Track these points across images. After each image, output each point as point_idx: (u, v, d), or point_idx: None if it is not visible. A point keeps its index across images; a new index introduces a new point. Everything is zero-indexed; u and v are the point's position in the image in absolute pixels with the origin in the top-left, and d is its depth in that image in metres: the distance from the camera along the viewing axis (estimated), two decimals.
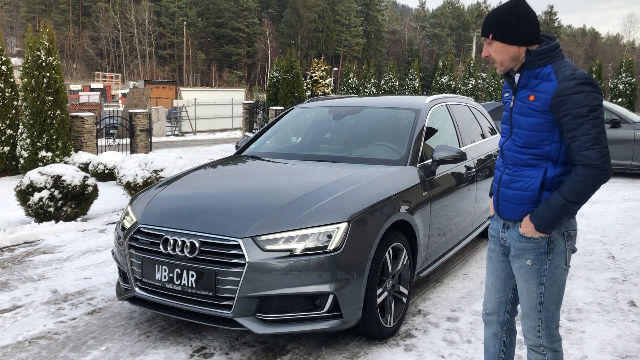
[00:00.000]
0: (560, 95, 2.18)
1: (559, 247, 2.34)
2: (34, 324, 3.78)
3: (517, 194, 2.35)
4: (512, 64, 2.33)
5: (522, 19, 2.25)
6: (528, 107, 2.29)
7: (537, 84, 2.27)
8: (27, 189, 6.44)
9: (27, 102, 10.10)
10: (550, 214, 2.24)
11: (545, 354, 2.43)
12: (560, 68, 2.23)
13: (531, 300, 2.39)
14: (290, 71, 19.70)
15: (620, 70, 23.07)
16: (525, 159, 2.32)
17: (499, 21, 2.28)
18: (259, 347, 3.47)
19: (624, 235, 6.46)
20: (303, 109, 5.54)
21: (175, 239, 3.28)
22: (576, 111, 2.15)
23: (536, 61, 2.28)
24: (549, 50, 2.27)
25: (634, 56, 43.09)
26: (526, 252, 2.36)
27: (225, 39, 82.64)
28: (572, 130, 2.17)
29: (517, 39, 2.27)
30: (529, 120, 2.29)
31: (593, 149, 2.14)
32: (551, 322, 2.40)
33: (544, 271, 2.35)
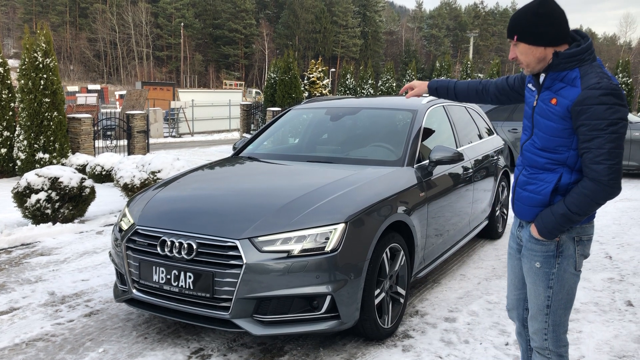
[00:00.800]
0: (582, 104, 2.11)
1: (568, 252, 2.31)
2: (31, 326, 3.77)
3: (530, 196, 2.33)
4: (540, 66, 2.25)
5: (548, 20, 2.16)
6: (549, 110, 2.23)
7: (562, 87, 2.20)
8: (24, 190, 6.43)
9: (24, 104, 10.08)
10: (552, 220, 2.23)
11: (550, 357, 2.41)
12: (587, 74, 2.14)
13: (539, 302, 2.38)
14: (288, 72, 19.71)
15: (617, 70, 23.14)
16: (542, 162, 2.29)
17: (523, 22, 2.20)
18: (257, 348, 3.47)
19: (621, 235, 6.47)
20: (300, 110, 5.55)
21: (172, 241, 3.28)
22: (594, 123, 2.08)
23: (563, 64, 2.19)
24: (577, 54, 2.17)
25: (631, 56, 43.18)
26: (535, 254, 2.34)
27: (223, 40, 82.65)
28: (586, 141, 2.12)
29: (543, 40, 2.18)
30: (548, 124, 2.24)
31: (603, 164, 2.10)
32: (558, 327, 2.38)
33: (552, 275, 2.32)
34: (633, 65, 37.84)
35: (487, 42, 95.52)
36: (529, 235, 2.36)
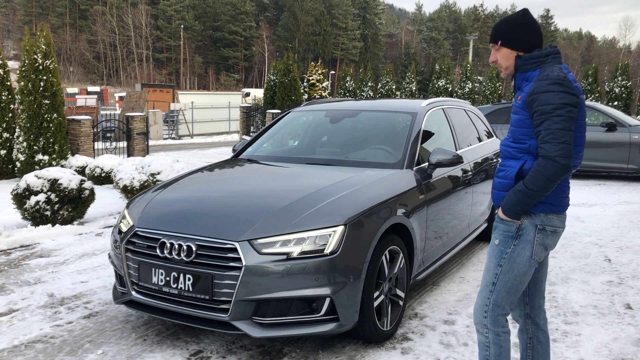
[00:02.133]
0: (533, 93, 2.37)
1: (527, 236, 2.47)
2: (31, 328, 3.77)
3: (500, 181, 2.56)
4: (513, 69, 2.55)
5: (529, 29, 2.48)
6: (516, 106, 2.51)
7: (526, 85, 2.48)
8: (24, 192, 6.43)
9: (24, 106, 10.08)
10: (512, 197, 2.43)
11: (487, 335, 2.55)
12: (542, 72, 2.42)
13: (487, 278, 2.55)
14: (288, 74, 19.72)
15: (616, 73, 23.15)
16: (511, 151, 2.53)
17: (508, 29, 2.51)
18: (256, 350, 3.47)
19: (620, 238, 6.48)
20: (300, 112, 5.55)
21: (172, 243, 3.28)
22: (542, 108, 2.33)
23: (525, 66, 2.49)
24: (537, 57, 2.47)
25: (630, 60, 43.25)
26: (497, 232, 2.54)
27: (223, 42, 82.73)
28: (538, 125, 2.36)
29: (523, 46, 2.49)
30: (515, 117, 2.51)
31: (550, 142, 2.30)
32: (498, 307, 2.52)
33: (505, 254, 2.49)
34: (632, 68, 37.89)
35: (486, 44, 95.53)
36: (497, 216, 2.56)
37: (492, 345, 2.55)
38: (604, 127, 11.13)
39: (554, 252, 5.80)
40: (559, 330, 3.81)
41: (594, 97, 22.92)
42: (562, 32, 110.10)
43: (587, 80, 23.55)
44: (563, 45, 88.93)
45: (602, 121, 11.26)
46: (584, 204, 8.64)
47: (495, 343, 2.54)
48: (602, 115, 11.48)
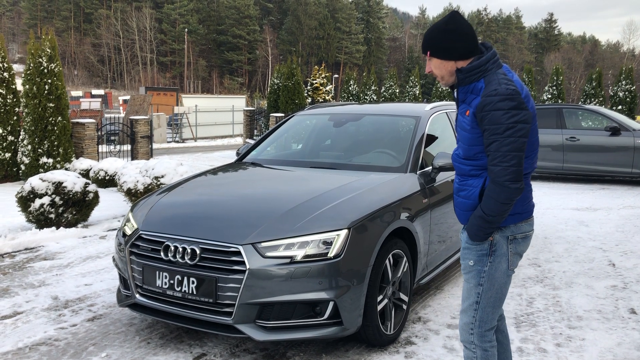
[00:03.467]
0: (482, 110, 2.24)
1: (501, 250, 2.41)
2: (35, 331, 3.78)
3: (462, 201, 2.46)
4: (452, 79, 2.39)
5: (456, 35, 2.30)
6: (464, 122, 2.38)
7: (473, 99, 2.32)
8: (28, 195, 6.45)
9: (29, 109, 10.13)
10: (474, 223, 2.36)
11: (475, 351, 2.52)
12: (490, 82, 2.26)
13: (470, 298, 2.49)
14: (291, 78, 19.75)
15: (620, 77, 23.10)
16: (467, 169, 2.42)
17: (434, 38, 2.34)
18: (260, 353, 3.48)
19: (624, 242, 6.46)
20: (304, 116, 5.56)
21: (176, 246, 3.29)
22: (493, 127, 2.21)
23: (467, 78, 2.32)
24: (478, 67, 2.29)
25: (634, 64, 43.21)
26: (470, 253, 2.46)
27: (226, 45, 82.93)
28: (488, 145, 2.25)
29: (454, 55, 2.32)
30: (464, 135, 2.38)
31: (499, 166, 2.22)
32: (485, 323, 2.48)
33: (483, 272, 2.43)
34: (637, 72, 37.84)
35: None
36: (466, 237, 2.47)
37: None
38: (608, 131, 11.11)
39: (558, 257, 5.78)
40: (562, 335, 3.80)
41: (598, 101, 22.88)
42: (565, 36, 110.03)
43: (591, 85, 23.51)
44: (567, 49, 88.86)
45: (606, 125, 11.25)
46: (588, 208, 8.62)
47: (483, 358, 2.52)
48: (606, 119, 11.46)
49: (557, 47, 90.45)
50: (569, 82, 67.23)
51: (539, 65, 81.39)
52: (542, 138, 11.67)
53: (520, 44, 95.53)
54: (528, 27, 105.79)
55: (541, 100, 23.66)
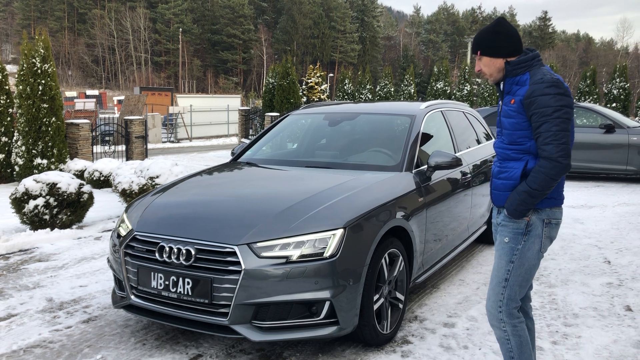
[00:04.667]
0: (530, 96, 2.50)
1: (536, 231, 2.62)
2: (29, 333, 3.76)
3: (504, 183, 2.66)
4: (500, 75, 2.67)
5: (504, 36, 2.60)
6: (509, 110, 2.62)
7: (517, 89, 2.60)
8: (22, 196, 6.42)
9: (22, 110, 10.07)
10: (516, 198, 2.56)
11: (505, 329, 2.68)
12: (535, 74, 2.55)
13: (499, 275, 2.66)
14: (286, 77, 19.74)
15: (614, 75, 23.20)
16: (509, 153, 2.65)
17: (484, 39, 2.64)
18: (256, 354, 3.46)
19: (620, 239, 6.48)
20: (299, 116, 5.55)
21: (171, 247, 3.27)
22: (542, 110, 2.47)
23: (515, 70, 2.60)
24: (525, 61, 2.59)
25: (628, 61, 43.36)
26: (506, 230, 2.66)
27: (221, 45, 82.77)
28: (537, 127, 2.50)
29: (502, 53, 2.61)
30: (510, 121, 2.63)
31: (552, 144, 2.45)
32: (511, 301, 2.66)
33: (516, 250, 2.62)
34: (630, 70, 37.92)
35: None
36: (504, 215, 2.67)
37: (512, 337, 2.68)
38: (602, 128, 11.14)
39: (554, 254, 5.79)
40: (559, 333, 3.80)
41: (592, 98, 22.96)
42: (560, 34, 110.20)
43: (585, 82, 23.59)
44: (561, 47, 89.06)
45: (601, 123, 11.27)
46: (583, 206, 8.65)
47: (515, 334, 2.67)
48: (601, 117, 11.49)
49: (551, 45, 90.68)
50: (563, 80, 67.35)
51: None
52: None
53: None
54: (522, 25, 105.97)
55: None
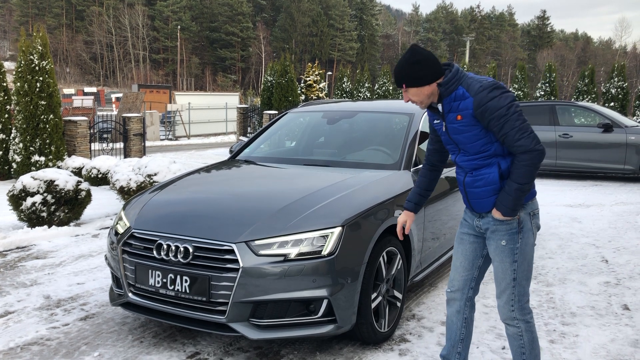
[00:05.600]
0: (479, 106, 2.53)
1: (527, 226, 2.68)
2: (26, 330, 3.75)
3: (484, 190, 2.67)
4: (430, 99, 2.67)
5: (424, 64, 2.59)
6: (458, 126, 2.64)
7: (458, 104, 2.61)
8: (20, 193, 6.40)
9: (20, 106, 10.05)
10: (510, 198, 2.57)
11: (519, 326, 2.72)
12: (470, 85, 2.59)
13: (506, 277, 2.70)
14: (285, 75, 19.72)
15: (613, 74, 23.21)
16: (478, 162, 2.67)
17: (406, 72, 2.62)
18: (253, 352, 3.46)
19: (617, 239, 6.49)
20: (297, 114, 5.54)
21: (168, 244, 3.27)
22: (497, 113, 2.51)
23: (449, 89, 2.62)
24: (454, 77, 2.62)
25: (626, 60, 43.38)
26: (500, 234, 2.68)
27: (219, 43, 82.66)
28: (500, 129, 2.53)
29: (427, 80, 2.61)
30: (465, 135, 2.64)
31: (523, 138, 2.50)
32: (522, 297, 2.71)
33: (516, 249, 2.67)
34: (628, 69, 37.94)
35: (483, 45, 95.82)
36: (493, 220, 2.69)
37: (525, 334, 2.73)
38: (600, 128, 11.15)
39: (551, 253, 5.80)
40: (556, 332, 3.81)
41: (591, 98, 22.97)
42: (558, 33, 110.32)
43: (583, 81, 23.61)
44: (559, 46, 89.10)
45: (599, 122, 11.29)
46: (580, 205, 8.66)
47: (527, 330, 2.73)
48: (599, 116, 11.51)
49: (549, 44, 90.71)
50: (561, 79, 67.47)
51: (531, 62, 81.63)
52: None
53: (513, 41, 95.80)
54: (521, 24, 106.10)
55: (534, 97, 23.73)
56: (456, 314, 2.92)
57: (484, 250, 2.85)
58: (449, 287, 2.95)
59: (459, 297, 2.90)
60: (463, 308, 2.91)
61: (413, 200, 3.07)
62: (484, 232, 2.78)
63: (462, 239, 2.89)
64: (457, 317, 2.92)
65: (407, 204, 3.09)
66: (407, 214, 3.10)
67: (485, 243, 2.83)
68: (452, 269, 2.93)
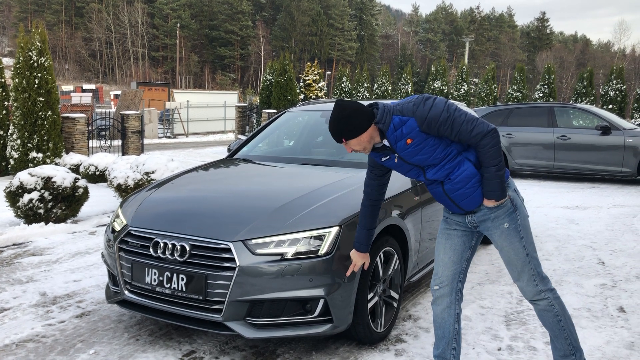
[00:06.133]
0: (423, 122, 2.62)
1: (517, 201, 2.80)
2: (22, 327, 3.74)
3: (467, 187, 2.73)
4: (372, 143, 2.73)
5: (354, 116, 2.65)
6: (414, 148, 2.69)
7: (401, 131, 2.67)
8: (17, 190, 6.39)
9: (18, 103, 10.03)
10: (495, 182, 2.67)
11: (547, 297, 2.81)
12: (402, 110, 2.68)
13: (520, 256, 2.78)
14: (284, 74, 19.71)
15: (611, 77, 23.24)
16: (449, 166, 2.73)
17: (341, 128, 2.67)
18: (249, 351, 3.46)
19: (614, 241, 6.50)
20: (296, 113, 5.54)
21: (165, 242, 3.26)
22: (440, 120, 2.60)
23: (385, 123, 2.69)
24: (383, 111, 2.69)
25: (625, 63, 43.44)
26: (500, 219, 2.76)
27: (219, 41, 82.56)
28: (452, 132, 2.63)
29: (363, 128, 2.66)
30: (424, 150, 2.69)
31: (475, 128, 2.61)
32: (539, 267, 2.81)
33: (519, 226, 2.77)
34: (627, 72, 37.99)
35: (482, 46, 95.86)
36: (488, 210, 2.77)
37: (555, 302, 2.83)
38: (598, 130, 11.16)
39: (548, 255, 5.81)
40: None
41: (589, 100, 23.01)
42: (557, 35, 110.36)
43: (582, 84, 23.64)
44: (559, 48, 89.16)
45: (597, 124, 11.30)
46: (578, 207, 8.67)
47: (556, 298, 2.84)
48: (597, 118, 11.52)
49: (548, 46, 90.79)
50: (560, 81, 67.50)
51: (530, 64, 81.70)
52: (534, 136, 11.75)
53: (512, 43, 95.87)
54: (520, 26, 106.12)
55: (533, 99, 23.75)
56: (447, 310, 2.95)
57: (472, 242, 2.94)
58: (436, 284, 2.97)
59: (447, 292, 2.94)
60: (454, 302, 2.95)
61: (363, 242, 3.09)
62: (477, 226, 2.85)
63: (450, 235, 2.94)
64: (448, 312, 2.95)
65: (359, 246, 3.10)
66: (362, 256, 3.12)
67: (473, 236, 2.93)
68: (439, 266, 2.96)
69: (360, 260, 3.12)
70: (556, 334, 2.88)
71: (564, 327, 2.86)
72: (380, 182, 2.99)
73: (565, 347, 2.89)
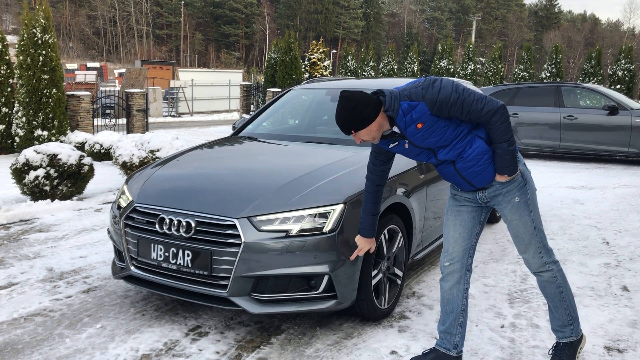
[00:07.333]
0: (433, 105, 2.61)
1: (527, 176, 2.86)
2: (30, 302, 3.79)
3: (480, 163, 2.75)
4: (381, 131, 2.72)
5: (361, 107, 2.62)
6: (425, 132, 2.68)
7: (411, 116, 2.66)
8: (23, 167, 6.42)
9: (23, 80, 10.02)
10: (507, 158, 2.69)
11: (552, 269, 2.89)
12: (410, 95, 2.66)
13: (528, 229, 2.84)
14: (289, 53, 19.58)
15: (620, 56, 22.99)
16: (460, 145, 2.74)
17: (349, 120, 2.65)
18: (254, 326, 3.50)
19: (619, 221, 6.49)
20: (300, 91, 5.51)
21: (171, 219, 3.28)
22: (451, 102, 2.60)
23: (394, 110, 2.67)
24: (390, 98, 2.67)
25: (634, 43, 42.89)
26: (512, 193, 2.80)
27: (223, 19, 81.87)
28: (462, 112, 2.63)
29: (371, 118, 2.64)
30: (436, 133, 2.69)
31: (485, 107, 2.62)
32: (544, 239, 2.88)
33: (529, 200, 2.82)
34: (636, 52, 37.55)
35: (489, 25, 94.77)
36: (500, 185, 2.80)
37: (558, 274, 2.91)
38: (605, 110, 11.08)
39: (553, 234, 5.81)
40: None
41: (597, 79, 22.80)
42: (566, 14, 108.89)
43: (590, 63, 23.41)
44: (567, 27, 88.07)
45: (604, 104, 11.21)
46: (583, 187, 8.64)
47: (559, 270, 2.92)
48: (605, 98, 11.43)
49: (557, 25, 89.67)
50: (568, 61, 66.86)
51: (538, 44, 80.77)
52: (540, 116, 11.67)
53: (520, 22, 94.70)
54: (528, 5, 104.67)
55: (540, 79, 23.56)
56: (456, 285, 2.96)
57: (482, 217, 2.97)
58: (446, 261, 2.97)
59: (458, 268, 2.95)
60: (463, 277, 2.96)
61: (369, 227, 3.07)
62: (488, 201, 2.87)
63: (459, 211, 2.95)
64: (458, 288, 2.96)
65: (365, 232, 3.07)
66: (368, 241, 3.10)
67: (482, 211, 2.95)
68: (449, 242, 2.97)
69: (366, 245, 3.11)
70: (556, 305, 2.96)
71: (565, 298, 2.94)
72: (385, 168, 2.99)
73: (564, 317, 2.97)
